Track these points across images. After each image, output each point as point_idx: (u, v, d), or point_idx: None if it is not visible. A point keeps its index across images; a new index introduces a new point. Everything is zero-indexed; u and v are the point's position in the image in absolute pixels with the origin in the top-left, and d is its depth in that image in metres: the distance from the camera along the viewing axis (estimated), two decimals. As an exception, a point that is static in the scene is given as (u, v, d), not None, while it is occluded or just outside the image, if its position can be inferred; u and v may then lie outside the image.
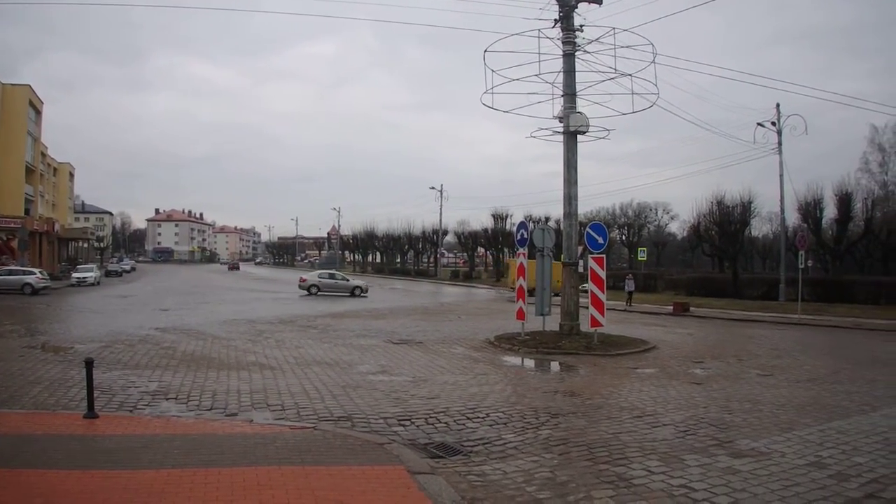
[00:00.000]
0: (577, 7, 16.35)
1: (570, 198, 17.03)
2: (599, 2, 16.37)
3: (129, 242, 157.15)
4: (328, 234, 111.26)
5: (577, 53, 16.52)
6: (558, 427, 7.83)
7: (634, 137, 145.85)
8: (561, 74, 16.67)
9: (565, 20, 16.40)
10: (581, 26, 16.45)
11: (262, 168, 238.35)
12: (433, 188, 71.85)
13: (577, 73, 16.75)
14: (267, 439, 6.69)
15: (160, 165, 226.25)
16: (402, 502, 5.04)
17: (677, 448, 6.91)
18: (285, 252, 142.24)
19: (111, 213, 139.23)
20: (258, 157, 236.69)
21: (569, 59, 16.54)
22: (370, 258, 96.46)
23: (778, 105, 35.30)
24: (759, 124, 34.77)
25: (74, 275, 44.55)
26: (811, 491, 5.55)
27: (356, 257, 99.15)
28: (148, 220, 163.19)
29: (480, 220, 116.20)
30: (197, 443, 6.46)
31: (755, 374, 12.20)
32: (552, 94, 16.95)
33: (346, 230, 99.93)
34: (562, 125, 16.78)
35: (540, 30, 15.77)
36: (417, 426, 7.76)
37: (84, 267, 49.51)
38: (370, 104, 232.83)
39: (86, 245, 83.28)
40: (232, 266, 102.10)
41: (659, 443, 7.11)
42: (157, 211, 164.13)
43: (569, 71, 16.61)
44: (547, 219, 54.08)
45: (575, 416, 8.42)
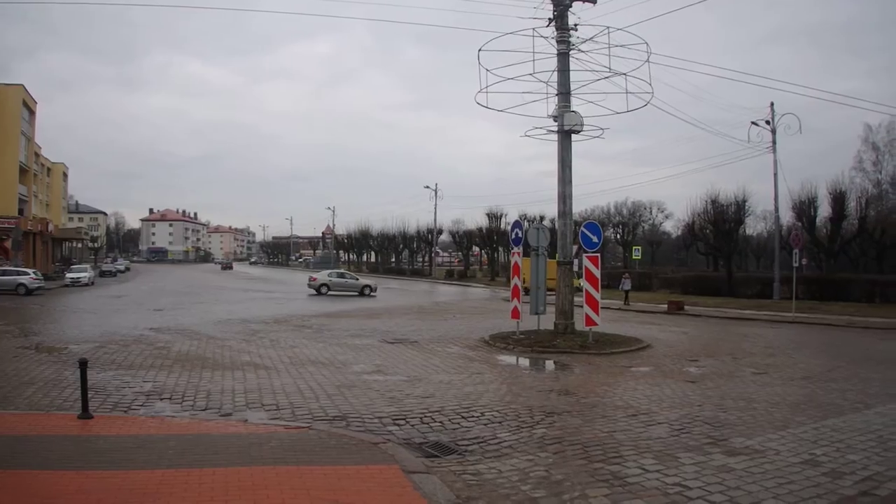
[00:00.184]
0: (571, 6, 16.35)
1: (564, 197, 17.06)
2: (594, 1, 16.37)
3: (123, 242, 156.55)
4: (323, 233, 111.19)
5: (571, 52, 16.53)
6: (553, 426, 7.84)
7: (629, 136, 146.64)
8: (555, 73, 16.70)
9: (560, 19, 16.41)
10: (575, 25, 16.48)
11: (257, 167, 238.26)
12: (428, 187, 71.82)
13: (571, 73, 16.76)
14: (262, 439, 6.68)
15: (154, 165, 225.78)
16: (398, 501, 5.04)
17: (672, 446, 6.92)
18: (280, 252, 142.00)
19: (105, 213, 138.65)
20: (253, 157, 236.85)
21: (563, 58, 16.56)
22: (365, 257, 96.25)
23: (772, 104, 35.38)
24: (753, 123, 34.85)
25: (68, 275, 44.47)
26: (806, 489, 5.56)
27: (351, 257, 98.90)
28: (142, 220, 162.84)
29: (475, 220, 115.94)
30: (191, 443, 6.44)
31: (750, 372, 12.24)
32: (546, 93, 16.97)
33: (341, 229, 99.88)
34: (556, 124, 16.79)
35: (534, 29, 15.81)
36: (412, 425, 7.76)
37: (78, 267, 49.40)
38: (365, 103, 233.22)
39: (80, 245, 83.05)
40: (225, 266, 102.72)
41: (654, 441, 7.13)
42: (151, 211, 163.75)
43: (563, 70, 16.63)
44: (542, 218, 54.05)
45: (570, 415, 8.42)
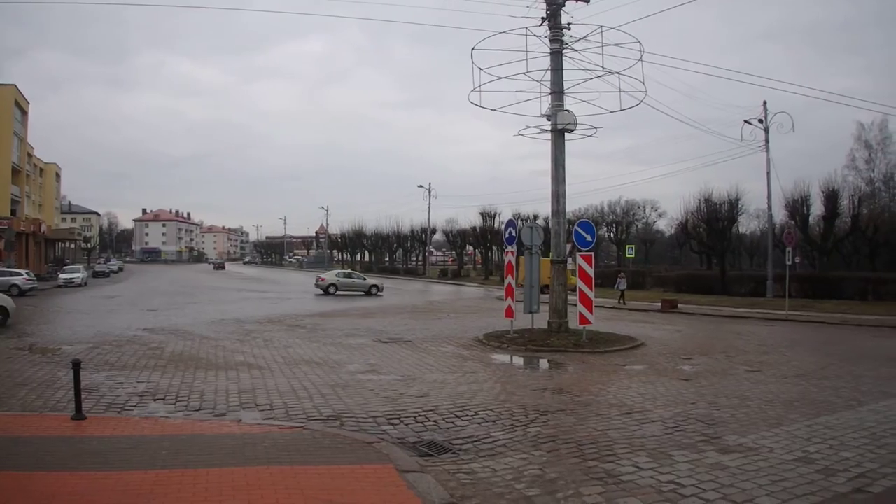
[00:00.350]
0: (564, 5, 16.38)
1: (558, 195, 17.09)
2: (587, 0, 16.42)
3: (116, 243, 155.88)
4: (316, 232, 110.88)
5: (564, 51, 16.56)
6: (547, 424, 7.85)
7: (622, 135, 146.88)
8: (549, 72, 16.71)
9: (553, 18, 16.44)
10: (569, 24, 16.51)
11: (250, 167, 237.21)
12: (421, 186, 71.83)
13: (564, 71, 16.80)
14: (256, 439, 6.67)
15: (147, 165, 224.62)
16: (392, 501, 5.04)
17: (666, 444, 6.94)
18: (274, 251, 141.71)
19: (98, 214, 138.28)
20: (246, 156, 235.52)
21: (556, 57, 16.58)
22: (359, 257, 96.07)
23: (765, 103, 35.57)
24: (746, 122, 35.04)
25: (61, 276, 44.27)
26: (799, 486, 5.58)
27: (344, 256, 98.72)
28: (135, 221, 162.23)
29: (469, 219, 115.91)
30: (185, 443, 6.42)
31: (743, 370, 12.29)
32: (540, 92, 17.00)
33: (335, 229, 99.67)
34: (549, 123, 16.81)
35: (527, 28, 15.82)
36: (406, 425, 7.76)
37: (71, 268, 49.19)
38: (359, 102, 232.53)
39: (73, 246, 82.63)
40: (217, 266, 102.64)
41: (647, 439, 7.15)
42: (144, 211, 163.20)
43: (556, 69, 16.64)
44: (535, 217, 54.10)
45: (564, 414, 8.44)
